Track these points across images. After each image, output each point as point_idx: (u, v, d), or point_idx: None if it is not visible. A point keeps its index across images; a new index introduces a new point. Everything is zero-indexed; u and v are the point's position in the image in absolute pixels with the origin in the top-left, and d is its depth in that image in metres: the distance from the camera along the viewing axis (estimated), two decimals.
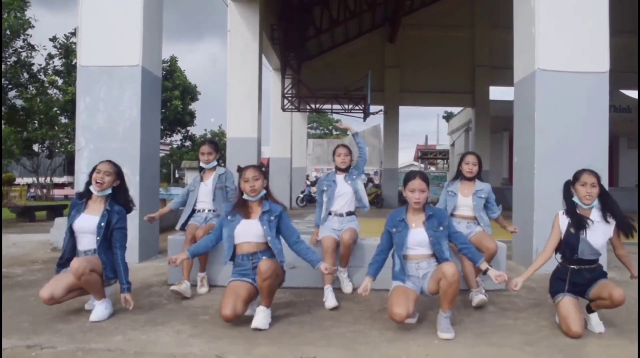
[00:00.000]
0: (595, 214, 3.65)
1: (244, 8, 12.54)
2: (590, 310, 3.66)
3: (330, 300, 4.24)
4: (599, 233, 3.60)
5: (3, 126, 13.08)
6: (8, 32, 11.10)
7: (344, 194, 4.94)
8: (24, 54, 12.30)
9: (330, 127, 54.35)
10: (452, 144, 30.90)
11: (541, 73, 5.70)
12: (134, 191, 5.06)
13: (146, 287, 4.92)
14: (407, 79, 22.90)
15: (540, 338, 3.47)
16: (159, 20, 6.56)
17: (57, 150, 25.34)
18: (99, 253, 3.84)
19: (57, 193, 33.14)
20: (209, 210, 5.14)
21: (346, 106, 17.48)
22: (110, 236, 3.88)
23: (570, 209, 3.67)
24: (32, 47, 12.49)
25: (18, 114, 12.65)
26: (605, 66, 5.67)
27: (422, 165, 37.56)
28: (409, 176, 3.82)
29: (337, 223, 4.91)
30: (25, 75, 12.37)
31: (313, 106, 18.51)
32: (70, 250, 3.90)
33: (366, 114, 16.98)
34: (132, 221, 5.10)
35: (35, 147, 25.48)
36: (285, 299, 4.44)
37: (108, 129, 5.81)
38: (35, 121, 13.62)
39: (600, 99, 5.70)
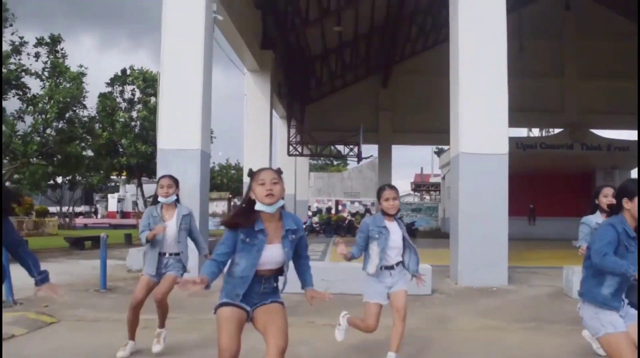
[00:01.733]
0: None
1: (257, 76, 15.56)
2: None
3: None
4: None
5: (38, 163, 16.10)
6: (68, 99, 14.15)
7: (397, 244, 4.15)
8: (79, 112, 15.36)
9: (331, 159, 57.69)
10: (443, 178, 33.68)
11: (464, 155, 8.56)
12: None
13: None
14: (399, 120, 25.76)
15: None
16: (209, 109, 9.37)
17: (77, 183, 27.61)
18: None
19: (78, 221, 35.82)
20: (172, 254, 4.61)
21: (342, 149, 20.50)
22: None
23: None
24: (84, 106, 15.54)
25: (71, 162, 15.54)
26: (505, 148, 8.51)
27: (417, 195, 40.25)
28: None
29: (388, 276, 4.13)
30: (81, 130, 15.26)
31: (314, 148, 21.50)
32: None
33: (359, 158, 20.03)
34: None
35: (59, 179, 28.08)
36: None
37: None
38: (84, 166, 16.50)
39: (501, 171, 8.50)
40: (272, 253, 2.89)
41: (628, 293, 3.08)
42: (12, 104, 27.50)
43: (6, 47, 14.03)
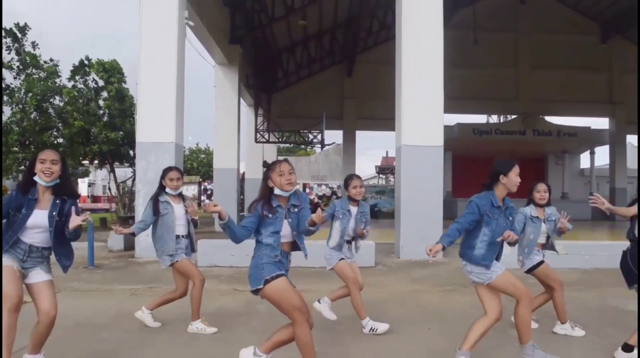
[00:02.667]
0: None
1: (225, 69, 16.58)
2: None
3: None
4: None
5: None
6: (46, 92, 14.95)
7: (352, 229, 5.11)
8: (55, 102, 16.19)
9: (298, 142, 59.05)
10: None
11: (405, 147, 9.88)
12: None
13: None
14: (363, 108, 26.89)
15: None
16: (182, 106, 10.39)
17: None
18: (53, 245, 3.66)
19: None
20: (184, 236, 5.02)
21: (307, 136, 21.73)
22: (63, 225, 3.66)
23: None
24: (60, 96, 16.41)
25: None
26: (440, 141, 9.87)
27: (383, 177, 41.75)
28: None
29: (347, 249, 5.17)
30: (57, 120, 16.07)
31: (280, 135, 22.66)
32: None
33: (323, 145, 21.32)
34: None
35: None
36: None
37: (155, 180, 9.69)
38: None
39: (437, 160, 9.86)
40: (284, 227, 3.53)
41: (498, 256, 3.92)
42: None
43: None
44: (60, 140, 18.82)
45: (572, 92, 26.63)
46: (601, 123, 29.31)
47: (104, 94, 20.41)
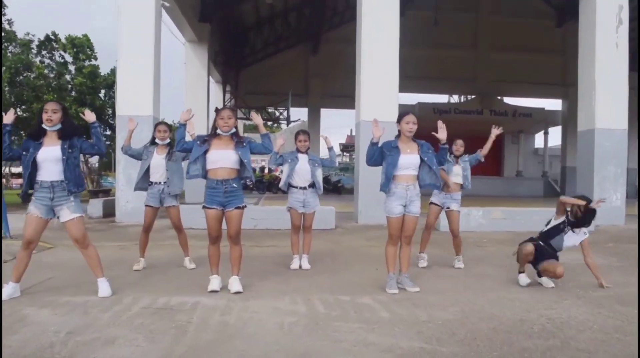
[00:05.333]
0: None
1: (195, 46, 17.24)
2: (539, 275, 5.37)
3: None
4: None
5: None
6: (19, 65, 15.31)
7: (304, 170, 6.03)
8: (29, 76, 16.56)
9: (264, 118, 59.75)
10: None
11: (364, 123, 10.88)
12: None
13: None
14: (328, 86, 27.71)
15: None
16: (159, 79, 11.13)
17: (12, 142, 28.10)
18: (64, 172, 4.52)
19: (15, 182, 35.49)
20: (163, 183, 5.96)
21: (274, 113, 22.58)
22: (74, 156, 4.58)
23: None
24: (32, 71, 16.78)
25: (17, 126, 16.87)
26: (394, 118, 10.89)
27: (347, 155, 42.78)
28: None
29: (301, 195, 6.07)
30: (31, 94, 16.47)
31: (247, 111, 23.45)
32: (30, 183, 4.51)
33: (288, 121, 22.24)
34: None
35: None
36: None
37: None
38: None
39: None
40: (226, 154, 4.74)
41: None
42: None
43: None
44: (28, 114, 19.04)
45: (528, 74, 27.91)
46: (555, 104, 30.92)
47: (72, 69, 20.60)
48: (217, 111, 4.97)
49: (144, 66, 10.57)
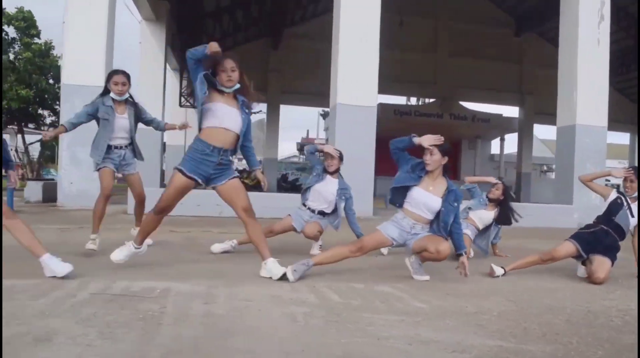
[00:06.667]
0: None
1: (152, 25, 15.88)
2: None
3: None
4: None
5: None
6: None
7: (325, 194, 5.12)
8: None
9: None
10: (327, 140, 35.41)
11: (340, 106, 9.94)
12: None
13: None
14: (288, 82, 26.75)
15: None
16: (112, 49, 9.81)
17: None
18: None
19: None
20: (126, 146, 4.85)
21: None
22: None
23: None
24: None
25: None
26: (374, 102, 10.04)
27: (304, 156, 41.94)
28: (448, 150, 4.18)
29: (307, 215, 5.13)
30: None
31: None
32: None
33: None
34: None
35: None
36: None
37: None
38: None
39: (370, 120, 10.00)
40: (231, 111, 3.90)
41: None
42: None
43: None
44: None
45: (486, 81, 27.91)
46: (512, 112, 31.09)
47: (16, 47, 19.04)
48: (214, 56, 3.73)
49: (96, 27, 9.11)
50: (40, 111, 20.04)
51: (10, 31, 18.53)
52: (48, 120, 21.46)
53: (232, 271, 3.99)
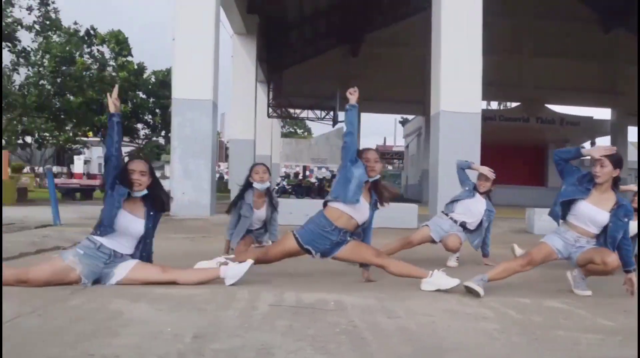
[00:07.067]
0: None
1: (243, 39, 16.36)
2: None
3: None
4: None
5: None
6: (65, 55, 14.66)
7: (472, 211, 5.25)
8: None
9: (295, 128, 59.03)
10: (407, 147, 35.09)
11: (444, 113, 9.75)
12: (207, 174, 8.87)
13: None
14: (367, 89, 26.53)
15: None
16: (218, 63, 10.14)
17: (46, 142, 27.40)
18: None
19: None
20: (256, 229, 5.34)
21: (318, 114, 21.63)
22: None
23: None
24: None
25: (59, 117, 16.13)
26: (478, 108, 9.78)
27: (383, 161, 41.82)
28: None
29: (447, 225, 5.24)
30: (74, 84, 15.72)
31: (291, 111, 22.53)
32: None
33: (335, 122, 21.28)
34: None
35: (28, 138, 27.80)
36: None
37: (192, 136, 9.50)
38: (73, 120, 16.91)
39: (476, 128, 9.76)
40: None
41: None
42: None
43: None
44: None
45: (574, 81, 26.69)
46: (603, 114, 29.48)
47: (109, 68, 20.13)
48: None
49: (204, 47, 9.59)
50: (137, 125, 21.12)
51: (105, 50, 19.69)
52: (142, 133, 22.50)
53: (387, 283, 3.94)
